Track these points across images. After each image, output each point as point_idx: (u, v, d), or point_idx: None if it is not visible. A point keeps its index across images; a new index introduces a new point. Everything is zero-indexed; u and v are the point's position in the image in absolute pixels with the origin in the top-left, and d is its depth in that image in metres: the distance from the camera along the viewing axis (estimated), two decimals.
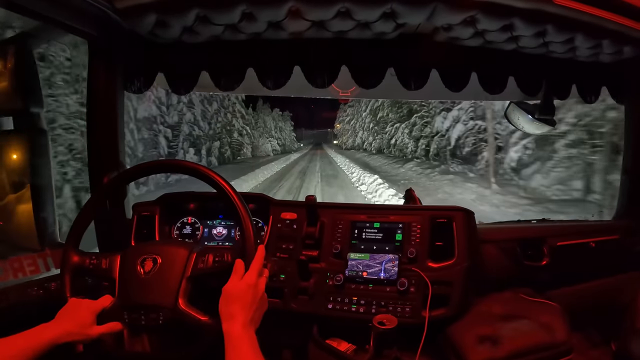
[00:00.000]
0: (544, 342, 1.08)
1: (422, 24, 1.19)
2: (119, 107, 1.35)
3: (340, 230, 1.30)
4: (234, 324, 0.76)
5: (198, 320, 0.83)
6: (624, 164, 1.60)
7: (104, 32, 1.19)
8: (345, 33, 1.24)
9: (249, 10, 1.10)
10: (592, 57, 1.37)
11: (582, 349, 1.39)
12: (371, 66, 1.32)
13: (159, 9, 1.10)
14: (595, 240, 1.44)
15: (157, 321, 0.84)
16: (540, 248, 1.41)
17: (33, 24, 1.16)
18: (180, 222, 1.44)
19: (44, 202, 1.23)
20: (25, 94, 1.17)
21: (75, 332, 0.81)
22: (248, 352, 0.74)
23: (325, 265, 1.26)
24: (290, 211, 1.35)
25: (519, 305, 1.25)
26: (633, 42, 1.24)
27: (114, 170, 1.34)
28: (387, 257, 1.22)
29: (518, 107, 1.71)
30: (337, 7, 1.08)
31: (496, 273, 1.38)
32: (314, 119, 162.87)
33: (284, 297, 1.22)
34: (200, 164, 0.96)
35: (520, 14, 1.10)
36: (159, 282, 0.86)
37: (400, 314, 1.12)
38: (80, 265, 0.92)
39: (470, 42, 1.28)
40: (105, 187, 1.06)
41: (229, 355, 0.73)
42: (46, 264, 1.23)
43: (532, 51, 1.33)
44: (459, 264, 1.19)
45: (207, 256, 0.89)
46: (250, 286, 0.81)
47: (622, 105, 1.56)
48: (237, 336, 0.75)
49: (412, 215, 1.29)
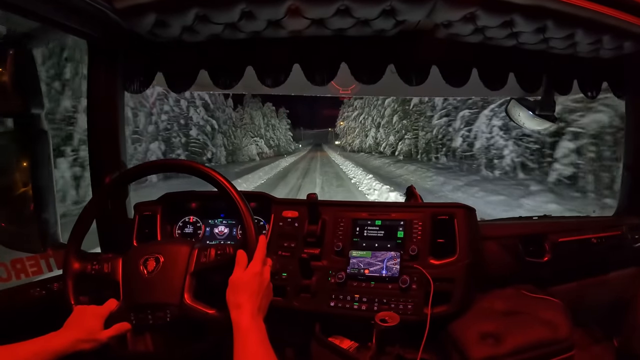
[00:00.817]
0: (546, 338, 1.08)
1: (422, 21, 1.19)
2: (120, 107, 1.35)
3: (342, 228, 1.30)
4: (243, 313, 0.77)
5: (205, 314, 0.84)
6: (625, 160, 1.60)
7: (103, 32, 1.19)
8: (344, 31, 1.24)
9: (248, 9, 1.10)
10: (593, 53, 1.37)
11: (584, 345, 1.39)
12: (371, 63, 1.32)
13: (159, 8, 1.10)
14: (596, 236, 1.44)
15: (165, 319, 0.85)
16: (542, 244, 1.41)
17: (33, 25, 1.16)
18: (182, 221, 1.45)
19: (45, 203, 1.23)
20: (26, 94, 1.17)
21: (85, 339, 0.81)
22: (257, 341, 0.74)
23: (327, 263, 1.26)
24: (292, 209, 1.35)
25: (521, 301, 1.25)
26: (633, 37, 1.24)
27: (115, 170, 1.34)
28: (389, 254, 1.22)
29: (519, 104, 1.71)
30: (336, 4, 1.08)
31: (498, 269, 1.38)
32: (314, 117, 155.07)
33: (286, 295, 1.23)
34: (202, 164, 0.97)
35: (520, 10, 1.09)
36: (163, 280, 0.87)
37: (402, 311, 1.13)
38: (82, 271, 0.92)
39: (471, 38, 1.28)
40: (106, 187, 1.06)
41: (238, 345, 0.73)
42: (48, 265, 1.23)
43: (532, 47, 1.33)
44: (461, 261, 1.19)
45: (209, 250, 0.89)
46: (256, 274, 0.82)
47: (622, 100, 1.56)
48: (246, 326, 0.75)
49: (414, 213, 1.29)
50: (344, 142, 59.41)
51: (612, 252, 1.48)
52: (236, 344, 0.73)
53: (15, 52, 1.13)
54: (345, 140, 55.82)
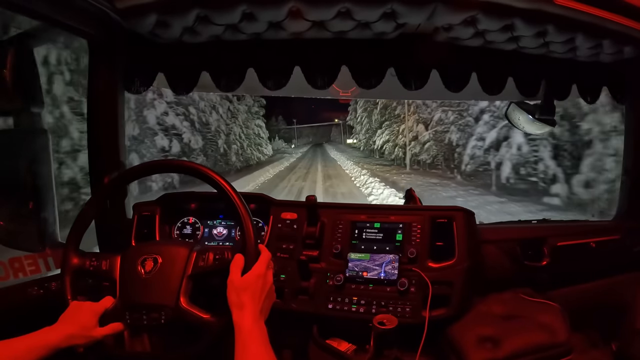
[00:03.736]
0: (544, 343, 1.08)
1: (422, 24, 1.19)
2: (120, 107, 1.35)
3: (341, 230, 1.30)
4: (245, 315, 0.76)
5: (200, 318, 0.84)
6: (624, 164, 1.60)
7: (104, 32, 1.19)
8: (345, 33, 1.24)
9: (249, 11, 1.10)
10: (593, 57, 1.37)
11: (582, 349, 1.38)
12: (371, 66, 1.32)
13: (160, 9, 1.10)
14: (595, 241, 1.44)
15: (159, 320, 0.84)
16: (541, 248, 1.40)
17: (33, 24, 1.16)
18: (180, 222, 1.44)
19: (44, 202, 1.23)
20: (26, 93, 1.17)
21: (78, 335, 0.81)
22: (258, 344, 0.74)
23: (325, 265, 1.26)
24: (291, 211, 1.35)
25: (519, 305, 1.25)
26: (633, 42, 1.24)
27: (115, 170, 1.34)
28: (388, 257, 1.22)
29: (518, 107, 1.71)
30: (337, 7, 1.08)
31: (496, 273, 1.38)
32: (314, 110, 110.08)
33: (284, 297, 1.22)
34: (202, 164, 0.97)
35: (520, 14, 1.09)
36: (160, 281, 0.86)
37: (400, 314, 1.13)
38: (80, 267, 0.92)
39: (471, 42, 1.28)
40: (105, 187, 1.06)
41: (239, 346, 0.73)
42: (47, 264, 1.23)
43: (532, 51, 1.33)
44: (459, 264, 1.19)
45: (207, 254, 0.89)
46: (259, 276, 0.82)
47: (622, 105, 1.56)
48: (248, 327, 0.75)
49: (413, 215, 1.29)
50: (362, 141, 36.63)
51: (611, 256, 1.48)
52: (237, 346, 0.73)
53: (16, 51, 1.13)
54: (366, 138, 33.59)
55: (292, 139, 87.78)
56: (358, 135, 39.73)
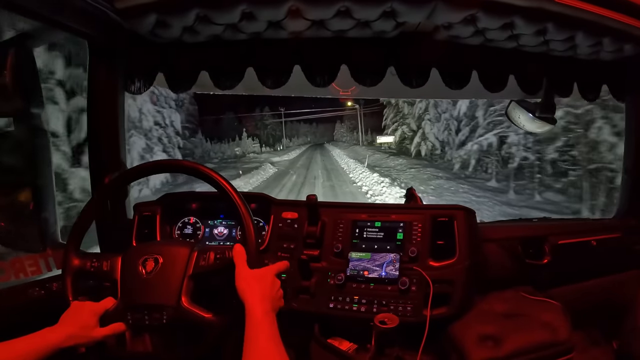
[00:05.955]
0: (545, 341, 1.08)
1: (422, 23, 1.19)
2: (120, 107, 1.35)
3: (342, 230, 1.30)
4: (256, 303, 0.78)
5: (202, 318, 0.84)
6: (625, 162, 1.60)
7: (104, 32, 1.19)
8: (345, 32, 1.24)
9: (249, 10, 1.10)
10: (593, 55, 1.37)
11: (583, 348, 1.39)
12: (371, 65, 1.32)
13: (159, 8, 1.10)
14: (596, 239, 1.44)
15: (161, 320, 0.85)
16: (542, 246, 1.40)
17: (33, 25, 1.16)
18: (181, 222, 1.44)
19: (45, 202, 1.23)
20: (26, 94, 1.17)
21: (79, 335, 0.82)
22: (268, 335, 0.75)
23: (326, 265, 1.25)
24: (292, 210, 1.35)
25: (520, 303, 1.25)
26: (634, 40, 1.24)
27: (115, 170, 1.34)
28: (389, 256, 1.22)
29: (519, 106, 1.71)
30: (337, 6, 1.08)
31: (497, 272, 1.38)
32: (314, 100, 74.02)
33: (285, 297, 1.22)
34: (201, 164, 0.96)
35: (520, 12, 1.09)
36: (162, 281, 0.86)
37: (401, 312, 1.12)
38: (81, 268, 0.92)
39: (471, 40, 1.28)
40: (106, 187, 1.06)
41: (250, 334, 0.74)
42: (47, 264, 1.23)
43: (532, 49, 1.33)
44: (460, 263, 1.19)
45: (208, 254, 0.89)
46: (269, 272, 0.85)
47: (622, 103, 1.56)
48: (260, 316, 0.77)
49: (413, 214, 1.29)
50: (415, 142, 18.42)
51: (612, 254, 1.48)
52: (247, 334, 0.74)
53: (16, 52, 1.13)
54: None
55: (280, 138, 58.70)
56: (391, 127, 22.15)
